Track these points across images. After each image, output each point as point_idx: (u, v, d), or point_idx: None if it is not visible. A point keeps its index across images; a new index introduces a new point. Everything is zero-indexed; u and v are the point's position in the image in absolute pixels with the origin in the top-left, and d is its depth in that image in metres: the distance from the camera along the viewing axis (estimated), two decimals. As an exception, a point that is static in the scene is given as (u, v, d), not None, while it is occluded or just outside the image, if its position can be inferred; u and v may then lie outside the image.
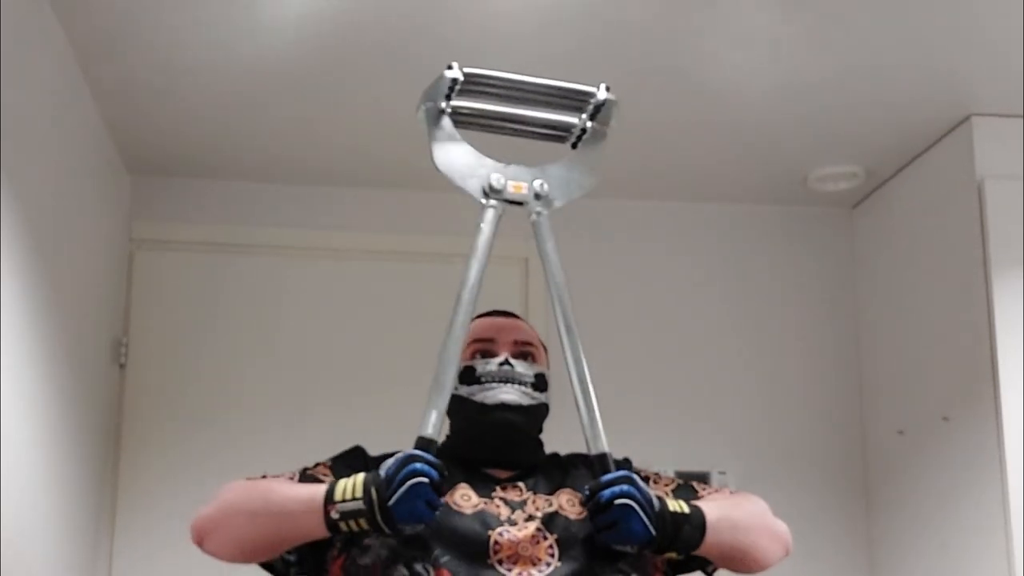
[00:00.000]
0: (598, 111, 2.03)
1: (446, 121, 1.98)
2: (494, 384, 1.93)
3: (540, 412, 1.98)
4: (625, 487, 1.74)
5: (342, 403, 3.66)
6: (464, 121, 2.01)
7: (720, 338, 4.01)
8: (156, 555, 3.56)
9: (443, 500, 1.75)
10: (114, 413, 3.63)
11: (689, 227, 4.10)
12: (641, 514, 1.73)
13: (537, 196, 1.96)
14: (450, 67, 1.97)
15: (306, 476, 1.90)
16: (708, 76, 3.25)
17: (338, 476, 1.85)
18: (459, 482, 1.86)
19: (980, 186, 3.38)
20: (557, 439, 2.06)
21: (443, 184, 4.07)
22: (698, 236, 4.09)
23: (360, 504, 1.70)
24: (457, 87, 1.97)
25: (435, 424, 1.76)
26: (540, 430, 2.01)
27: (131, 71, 3.18)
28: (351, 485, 1.73)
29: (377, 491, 1.69)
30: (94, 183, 3.41)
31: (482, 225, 1.92)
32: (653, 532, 1.74)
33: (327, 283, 3.87)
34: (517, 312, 2.13)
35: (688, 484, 1.99)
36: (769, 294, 4.08)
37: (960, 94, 3.36)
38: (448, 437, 1.99)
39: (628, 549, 1.78)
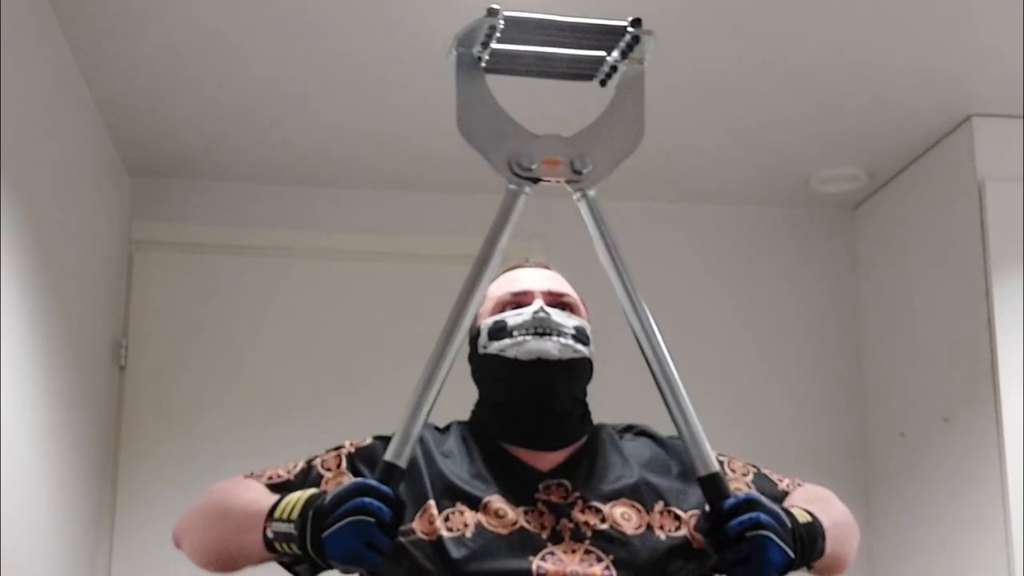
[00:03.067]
0: (631, 48, 1.73)
1: (478, 72, 1.66)
2: (528, 337, 1.66)
3: (583, 369, 1.71)
4: (755, 515, 1.50)
5: (342, 404, 3.66)
6: (496, 68, 1.71)
7: (721, 339, 4.01)
8: (155, 555, 3.55)
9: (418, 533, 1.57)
10: (113, 414, 3.63)
11: (691, 228, 4.10)
12: (778, 541, 1.50)
13: (577, 172, 1.63)
14: (492, 11, 1.63)
15: (310, 468, 1.68)
16: (709, 78, 3.25)
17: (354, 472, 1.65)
18: (492, 491, 1.62)
19: (981, 187, 3.38)
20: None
21: (444, 185, 4.08)
22: (700, 237, 4.09)
23: (291, 528, 1.48)
24: (496, 34, 1.65)
25: (406, 451, 1.50)
26: (585, 392, 1.74)
27: (131, 73, 3.18)
28: (291, 503, 1.51)
29: (314, 517, 1.46)
30: (94, 184, 3.41)
31: (501, 209, 1.61)
32: (792, 555, 1.52)
33: (327, 284, 3.87)
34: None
35: (762, 473, 1.80)
36: (771, 295, 4.08)
37: (961, 95, 3.35)
38: (475, 410, 1.78)
39: None
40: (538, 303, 1.71)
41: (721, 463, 1.67)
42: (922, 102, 3.38)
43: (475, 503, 1.61)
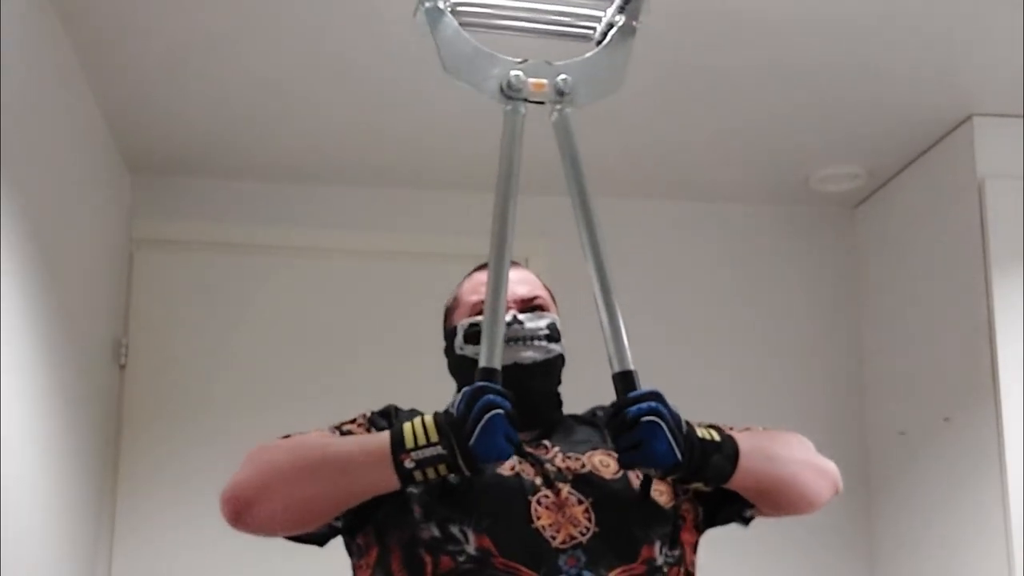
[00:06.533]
0: (627, 2, 1.84)
1: (449, 19, 1.79)
2: (504, 344, 1.73)
3: (556, 365, 1.82)
4: (652, 404, 1.59)
5: (343, 401, 3.61)
6: (470, 21, 1.82)
7: (721, 337, 4.01)
8: (156, 554, 3.57)
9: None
10: (114, 413, 3.63)
11: (691, 227, 4.10)
12: (668, 434, 1.57)
13: (560, 93, 1.78)
14: None
15: (344, 434, 1.74)
16: (709, 77, 3.25)
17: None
18: None
19: (981, 186, 3.38)
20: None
21: (445, 183, 4.08)
22: (700, 236, 4.10)
23: (439, 449, 1.54)
24: None
25: (496, 354, 1.61)
26: (558, 382, 1.85)
27: (132, 70, 3.18)
28: (420, 429, 1.56)
29: (455, 431, 1.54)
30: (95, 182, 3.41)
31: (505, 130, 1.75)
32: (679, 456, 1.58)
33: (327, 282, 3.87)
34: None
35: (713, 425, 1.81)
36: (771, 294, 4.08)
37: (961, 94, 3.36)
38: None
39: (652, 473, 1.64)
40: (511, 313, 1.79)
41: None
42: (922, 101, 3.38)
43: None
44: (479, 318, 1.76)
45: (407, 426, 1.58)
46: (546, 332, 1.80)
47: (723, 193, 4.04)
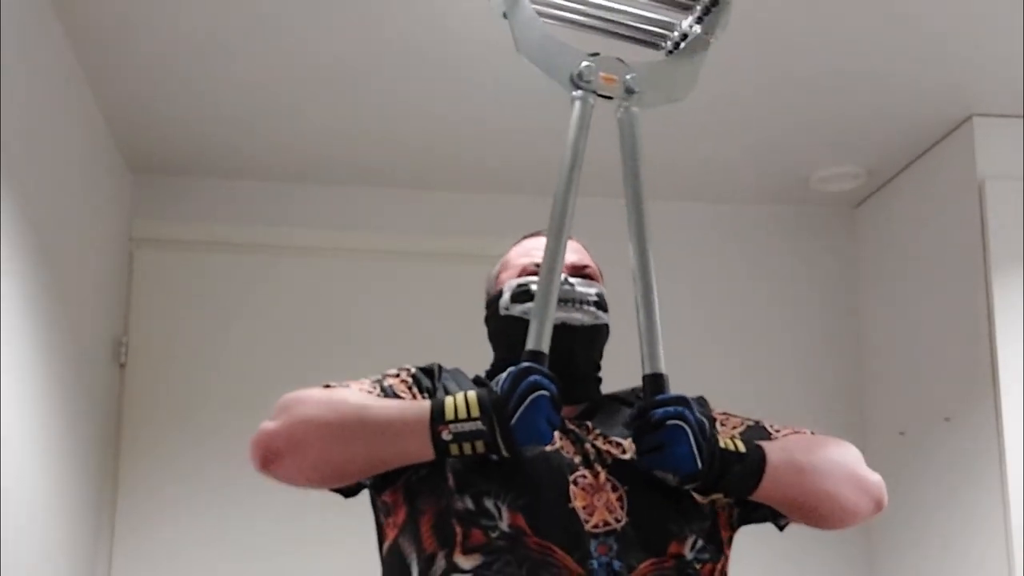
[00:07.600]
0: (706, 13, 1.86)
1: (525, 3, 1.79)
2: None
3: (602, 333, 1.80)
4: (679, 408, 1.57)
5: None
6: (546, 11, 1.83)
7: (720, 337, 4.01)
8: (156, 554, 3.57)
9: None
10: (114, 412, 3.63)
11: (691, 226, 4.09)
12: (691, 440, 1.56)
13: (629, 91, 1.79)
14: None
15: (385, 390, 1.70)
16: (710, 77, 3.24)
17: (422, 392, 1.71)
18: None
19: (981, 186, 3.38)
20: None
21: (442, 183, 4.07)
22: (700, 235, 4.09)
23: (479, 425, 1.52)
24: None
25: (545, 337, 1.60)
26: (600, 355, 1.81)
27: (132, 71, 3.19)
28: (462, 403, 1.54)
29: (496, 409, 1.52)
30: (95, 181, 3.42)
31: (572, 120, 1.75)
32: (699, 463, 1.56)
33: (327, 281, 3.87)
34: None
35: (759, 425, 1.82)
36: (770, 293, 4.08)
37: (961, 95, 3.36)
38: (492, 367, 1.82)
39: (670, 479, 1.60)
40: (563, 276, 1.75)
41: (715, 419, 1.78)
42: (923, 101, 3.38)
43: None
44: (529, 278, 1.77)
45: (449, 399, 1.56)
46: (595, 299, 1.79)
47: (723, 193, 4.04)
